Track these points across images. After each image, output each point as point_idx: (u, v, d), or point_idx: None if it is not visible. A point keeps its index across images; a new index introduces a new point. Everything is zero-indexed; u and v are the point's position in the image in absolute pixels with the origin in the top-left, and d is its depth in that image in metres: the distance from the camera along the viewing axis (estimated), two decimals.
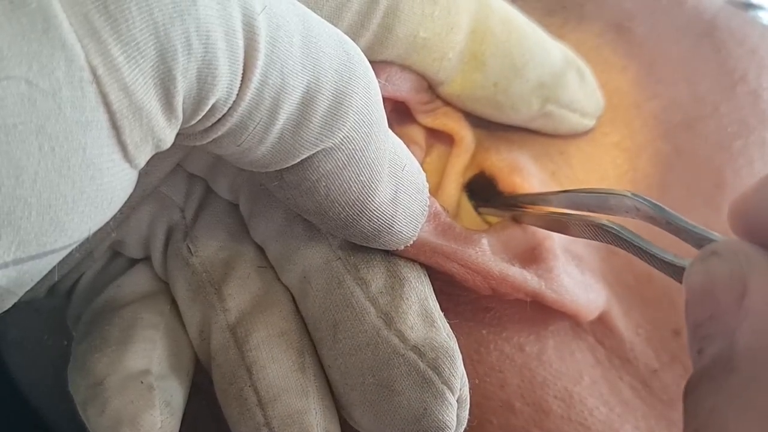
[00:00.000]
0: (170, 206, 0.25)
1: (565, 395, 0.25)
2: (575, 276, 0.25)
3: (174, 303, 0.24)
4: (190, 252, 0.24)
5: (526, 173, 0.26)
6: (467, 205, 0.27)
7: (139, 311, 0.24)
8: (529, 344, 0.25)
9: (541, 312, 0.25)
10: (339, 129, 0.19)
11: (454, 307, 0.25)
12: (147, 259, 0.26)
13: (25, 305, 0.24)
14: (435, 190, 0.26)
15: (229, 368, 0.22)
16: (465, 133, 0.27)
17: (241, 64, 0.16)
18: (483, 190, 0.27)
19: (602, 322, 0.26)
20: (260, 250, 0.24)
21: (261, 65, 0.17)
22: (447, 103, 0.26)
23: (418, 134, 0.27)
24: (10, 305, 0.17)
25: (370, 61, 0.24)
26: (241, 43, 0.16)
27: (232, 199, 0.25)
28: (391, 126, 0.26)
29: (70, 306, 0.26)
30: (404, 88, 0.25)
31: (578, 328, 0.26)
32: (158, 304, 0.24)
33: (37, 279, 0.17)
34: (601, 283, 0.26)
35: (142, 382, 0.21)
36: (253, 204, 0.24)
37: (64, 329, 0.26)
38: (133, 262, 0.26)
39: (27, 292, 0.17)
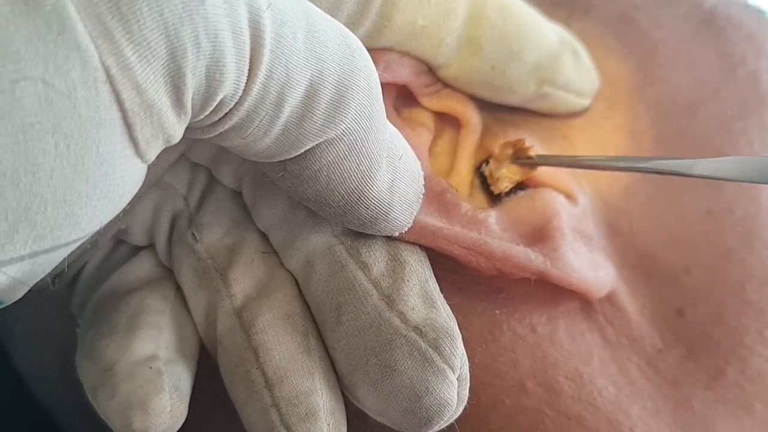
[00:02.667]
0: (174, 195, 0.25)
1: (576, 375, 0.25)
2: (583, 254, 0.25)
3: (178, 289, 0.25)
4: (195, 239, 0.24)
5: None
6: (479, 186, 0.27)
7: (145, 298, 0.24)
8: (541, 325, 0.26)
9: (552, 291, 0.25)
10: (341, 121, 0.19)
11: (468, 287, 0.25)
12: (150, 246, 0.26)
13: (37, 295, 0.24)
14: (448, 172, 0.27)
15: (236, 351, 0.22)
16: (470, 114, 0.27)
17: (248, 61, 0.17)
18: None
19: (611, 301, 0.26)
20: (263, 236, 0.25)
21: (266, 61, 0.17)
22: (448, 84, 0.27)
23: (425, 117, 0.27)
24: (21, 296, 0.18)
25: (368, 48, 0.24)
26: (247, 40, 0.17)
27: (235, 187, 0.25)
28: (398, 110, 0.27)
29: (75, 294, 0.26)
30: (403, 73, 0.26)
31: (588, 308, 0.26)
32: (163, 291, 0.25)
33: (48, 270, 0.17)
34: (609, 262, 0.27)
35: (151, 367, 0.22)
36: (256, 192, 0.24)
37: (75, 316, 0.26)
38: (136, 250, 0.26)
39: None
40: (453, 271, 0.25)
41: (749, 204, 0.27)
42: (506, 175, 0.26)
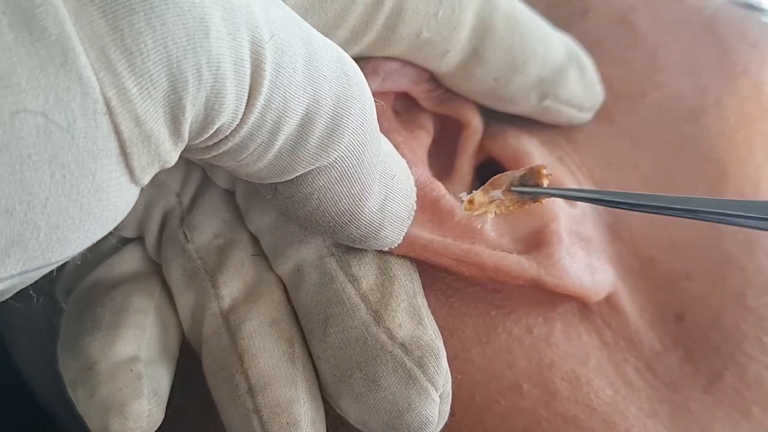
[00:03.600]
0: (167, 192, 0.25)
1: (572, 377, 0.25)
2: (580, 258, 0.25)
3: (164, 285, 0.25)
4: (186, 238, 0.25)
5: (533, 157, 0.27)
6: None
7: (130, 294, 0.24)
8: (537, 326, 0.26)
9: (549, 293, 0.25)
10: (334, 149, 0.19)
11: (464, 288, 0.26)
12: (139, 239, 0.26)
13: (36, 293, 0.24)
14: (448, 174, 0.27)
15: (221, 354, 0.23)
16: (472, 116, 0.27)
17: (247, 91, 0.17)
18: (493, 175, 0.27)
19: (610, 303, 0.26)
20: (254, 238, 0.25)
21: (265, 91, 0.17)
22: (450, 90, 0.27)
23: (425, 119, 0.27)
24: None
25: (370, 57, 0.24)
26: (248, 71, 0.17)
27: (229, 187, 0.25)
28: (398, 113, 0.27)
29: (61, 279, 0.26)
30: (403, 82, 0.26)
31: (586, 309, 0.26)
32: (148, 287, 0.25)
33: (35, 280, 0.17)
34: (608, 265, 0.26)
35: (131, 370, 0.22)
36: (249, 196, 0.25)
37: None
38: (124, 240, 0.26)
39: None
40: (449, 271, 0.25)
41: None
42: (498, 203, 0.24)
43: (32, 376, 0.33)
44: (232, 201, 0.25)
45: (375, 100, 0.20)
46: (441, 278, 0.25)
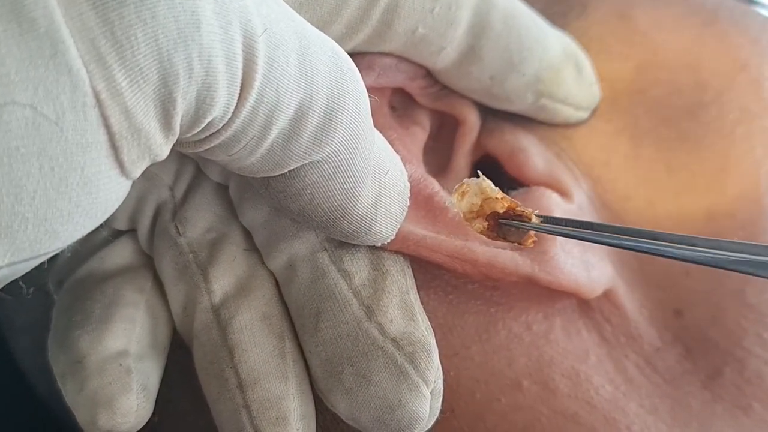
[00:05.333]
0: (160, 185, 0.25)
1: (572, 374, 0.25)
2: (575, 254, 0.25)
3: (155, 279, 0.25)
4: (178, 232, 0.25)
5: (530, 153, 0.27)
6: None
7: (121, 288, 0.24)
8: (537, 323, 0.26)
9: (547, 289, 0.25)
10: (327, 144, 0.19)
11: (463, 284, 0.26)
12: (131, 231, 0.26)
13: (36, 289, 0.24)
14: (444, 170, 0.27)
15: (211, 348, 0.23)
16: (469, 113, 0.27)
17: (239, 85, 0.17)
18: (491, 173, 0.27)
19: (608, 299, 0.26)
20: (247, 232, 0.25)
21: (258, 85, 0.17)
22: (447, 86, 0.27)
23: (421, 115, 0.27)
24: None
25: (366, 52, 0.24)
26: (240, 65, 0.17)
27: (222, 181, 0.25)
28: (394, 108, 0.27)
29: (53, 270, 0.26)
30: (399, 78, 0.26)
31: (585, 305, 0.26)
32: (139, 281, 0.25)
33: (24, 272, 0.17)
34: (606, 261, 0.26)
35: (120, 365, 0.22)
36: (242, 190, 0.25)
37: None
38: (117, 233, 0.26)
39: None
40: (443, 269, 0.25)
41: (751, 207, 0.27)
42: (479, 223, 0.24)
43: (32, 373, 0.33)
44: (225, 195, 0.25)
45: (369, 96, 0.20)
46: (439, 275, 0.25)
